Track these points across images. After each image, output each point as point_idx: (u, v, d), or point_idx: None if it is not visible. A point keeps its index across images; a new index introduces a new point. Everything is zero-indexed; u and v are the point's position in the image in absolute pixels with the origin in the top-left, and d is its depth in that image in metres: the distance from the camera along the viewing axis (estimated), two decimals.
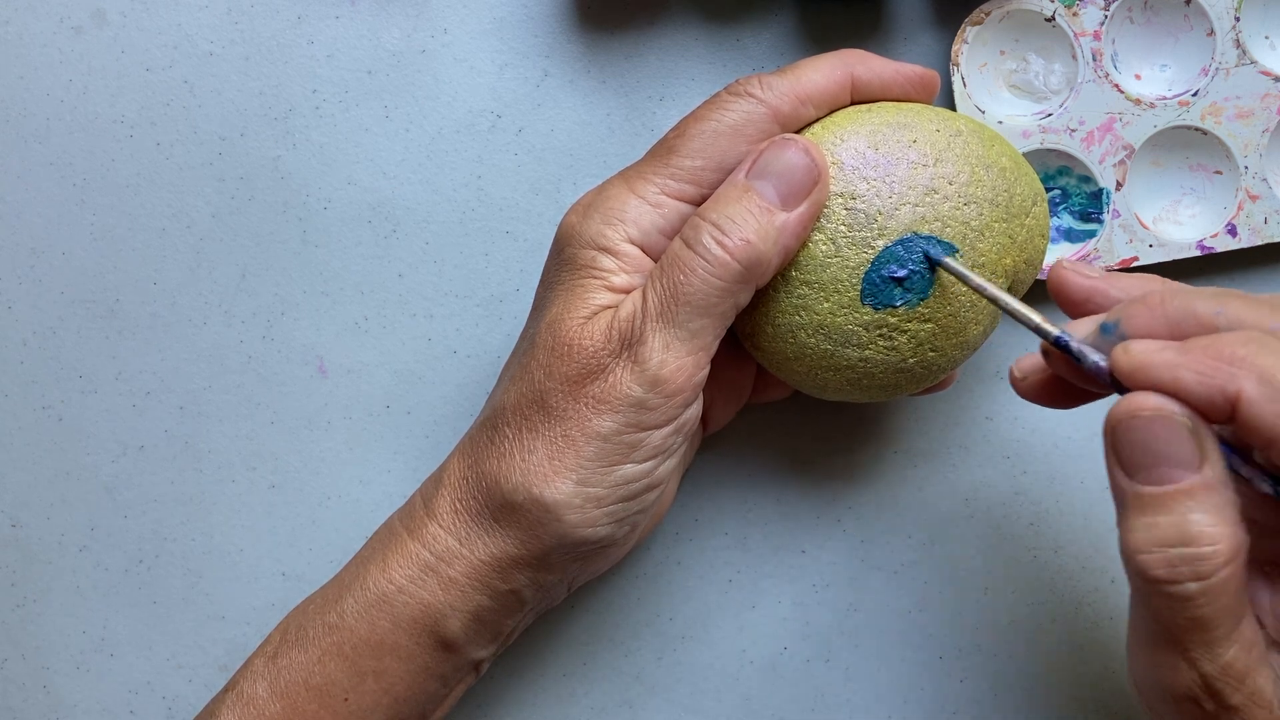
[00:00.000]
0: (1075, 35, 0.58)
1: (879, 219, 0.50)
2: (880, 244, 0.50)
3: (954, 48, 0.58)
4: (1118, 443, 0.43)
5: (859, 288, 0.50)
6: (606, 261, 0.50)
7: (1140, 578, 0.42)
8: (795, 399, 0.60)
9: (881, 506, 0.61)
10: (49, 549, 0.61)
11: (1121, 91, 0.58)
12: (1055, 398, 0.49)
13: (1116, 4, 0.58)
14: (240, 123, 0.61)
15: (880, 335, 0.51)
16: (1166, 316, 0.44)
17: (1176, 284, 0.47)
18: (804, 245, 0.51)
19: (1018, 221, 0.52)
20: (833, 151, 0.51)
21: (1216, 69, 0.58)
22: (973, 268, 0.51)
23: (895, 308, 0.50)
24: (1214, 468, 0.42)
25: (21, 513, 0.61)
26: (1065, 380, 0.48)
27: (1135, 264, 0.58)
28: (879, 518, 0.61)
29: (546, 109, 0.61)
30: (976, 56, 0.59)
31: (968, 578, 0.60)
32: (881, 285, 0.50)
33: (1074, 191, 0.59)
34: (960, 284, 0.51)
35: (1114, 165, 0.59)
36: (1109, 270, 0.58)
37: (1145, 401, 0.42)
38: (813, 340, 0.51)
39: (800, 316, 0.51)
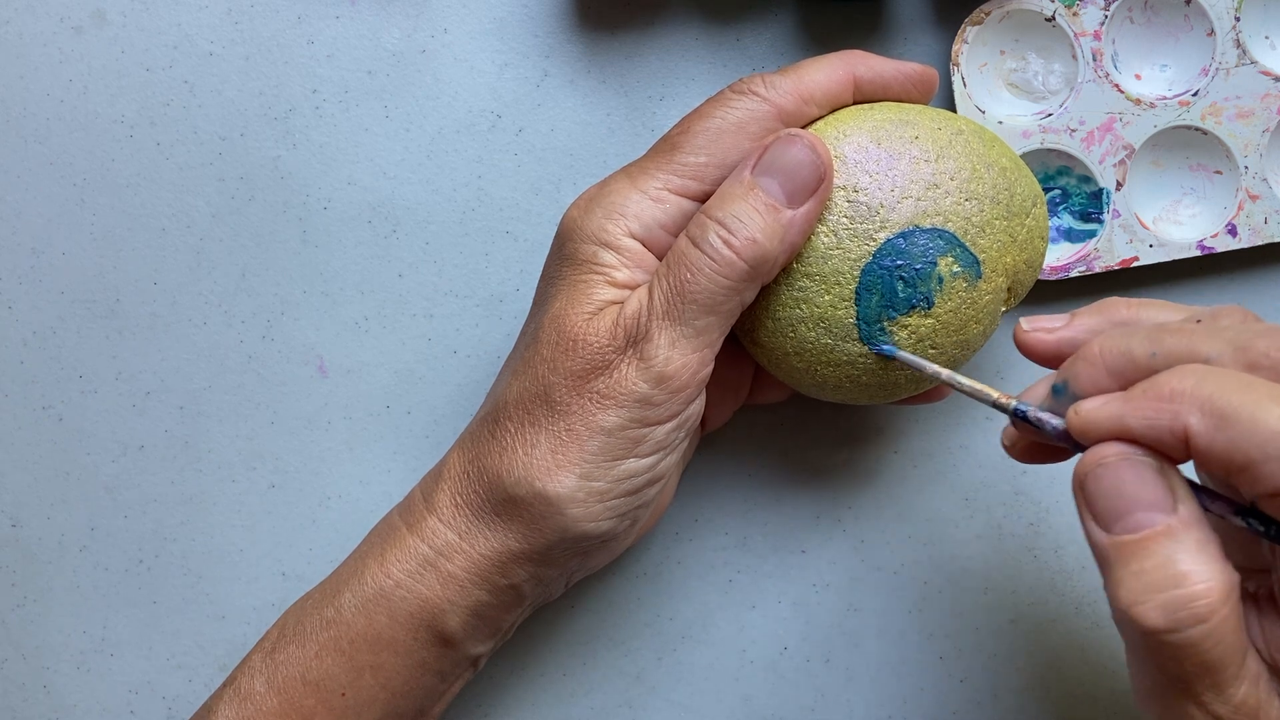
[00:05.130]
0: (1075, 35, 0.58)
1: (881, 211, 0.50)
2: (882, 236, 0.50)
3: (954, 48, 0.58)
4: (1089, 495, 0.43)
5: (859, 280, 0.50)
6: (608, 257, 0.50)
7: (1139, 631, 0.41)
8: (795, 398, 0.60)
9: (881, 506, 0.61)
10: (49, 549, 0.61)
11: (1121, 91, 0.58)
12: (1047, 456, 0.49)
13: (1117, 4, 0.58)
14: (240, 123, 0.61)
15: (879, 329, 0.51)
16: (1108, 368, 0.44)
17: (1123, 310, 0.47)
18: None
19: (1018, 221, 0.52)
20: (836, 146, 0.51)
21: (1217, 69, 0.58)
22: (975, 264, 0.51)
23: (912, 309, 0.51)
24: (1187, 506, 0.41)
25: (21, 513, 0.61)
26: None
27: (1135, 264, 0.58)
28: (879, 518, 0.61)
29: (546, 109, 0.61)
30: (976, 56, 0.59)
31: (968, 578, 0.60)
32: (883, 276, 0.50)
33: (1074, 191, 0.59)
34: (961, 280, 0.51)
35: (1114, 165, 0.59)
36: (1109, 270, 0.59)
37: (1108, 449, 0.42)
38: (813, 334, 0.51)
39: (801, 309, 0.51)
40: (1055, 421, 0.45)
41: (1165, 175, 0.59)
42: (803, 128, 0.51)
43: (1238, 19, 0.58)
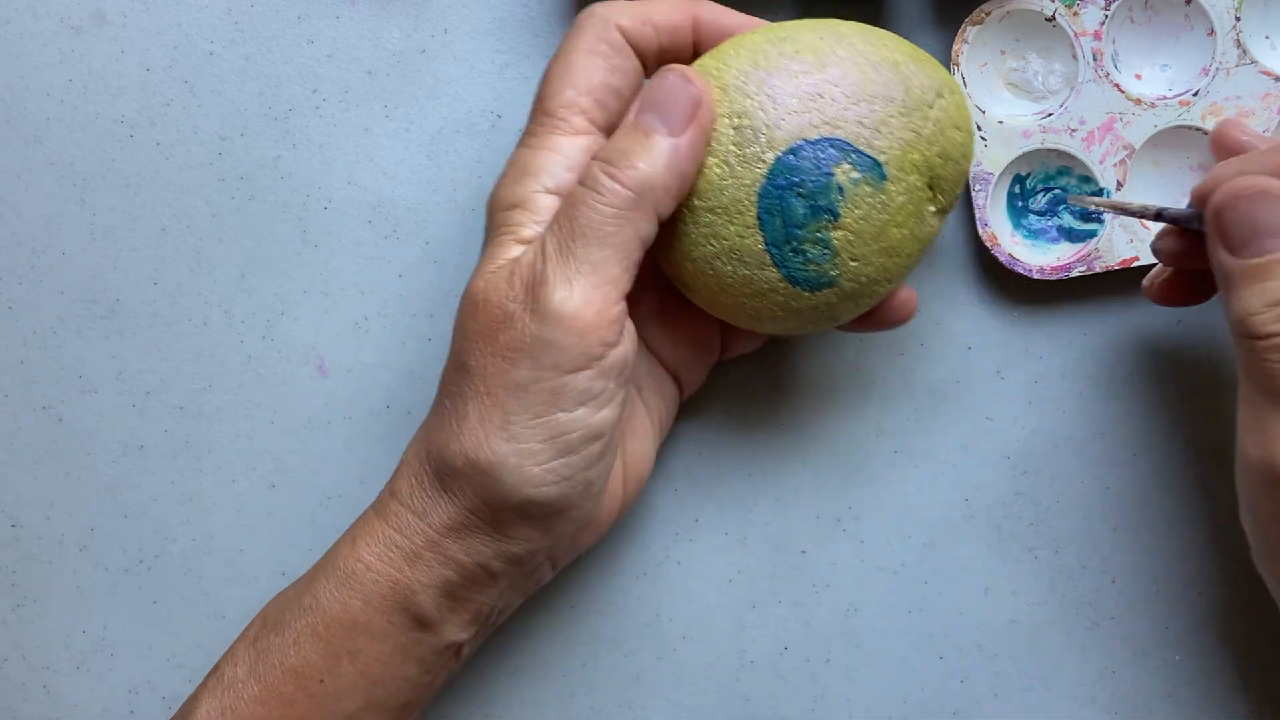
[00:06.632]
0: (1076, 35, 0.58)
1: (766, 131, 0.50)
2: (770, 156, 0.50)
3: (954, 47, 0.58)
4: (1223, 224, 0.49)
5: (759, 204, 0.50)
6: (518, 216, 0.50)
7: (1254, 338, 0.48)
8: (794, 392, 0.60)
9: (881, 506, 0.61)
10: (49, 549, 0.61)
11: (1122, 91, 0.58)
12: (1181, 294, 0.56)
13: (1117, 4, 0.58)
14: (240, 123, 0.61)
15: (791, 250, 0.51)
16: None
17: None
18: (702, 172, 0.51)
19: (919, 114, 0.51)
20: (719, 76, 0.51)
21: (1217, 69, 0.58)
22: (876, 166, 0.51)
23: (818, 223, 0.50)
24: None
25: (21, 513, 0.61)
26: (1184, 276, 0.55)
27: (1136, 264, 0.58)
28: (879, 518, 0.61)
29: None
30: (977, 56, 0.59)
31: (968, 578, 0.60)
32: (780, 197, 0.50)
33: (1074, 191, 0.59)
34: (864, 185, 0.50)
35: (1114, 165, 0.58)
36: (1109, 270, 0.59)
37: (1246, 181, 0.49)
38: (729, 267, 0.51)
39: (712, 245, 0.51)
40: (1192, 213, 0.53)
41: (1166, 175, 0.59)
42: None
43: (1238, 19, 0.58)
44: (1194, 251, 0.53)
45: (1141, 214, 0.54)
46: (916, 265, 0.54)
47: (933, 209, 0.53)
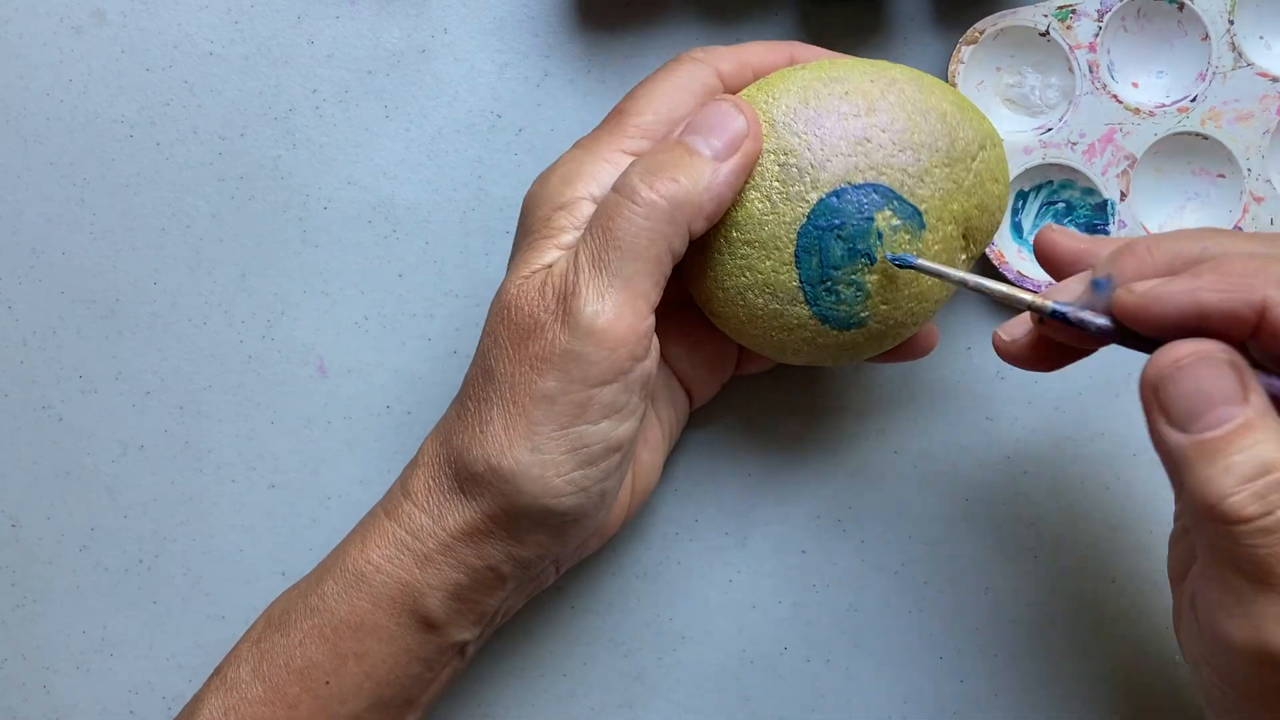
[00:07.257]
0: (1070, 48, 0.58)
1: (811, 171, 0.50)
2: (814, 197, 0.50)
3: (950, 68, 0.58)
4: (1165, 398, 0.43)
5: (797, 242, 0.50)
6: (562, 220, 0.50)
7: (1232, 523, 0.41)
8: (794, 392, 0.60)
9: (881, 506, 0.61)
10: (49, 549, 0.61)
11: (1120, 101, 0.58)
12: (1041, 360, 0.49)
13: (1110, 14, 0.58)
14: (240, 123, 0.61)
15: (825, 290, 0.51)
16: (1155, 262, 0.45)
17: (1155, 235, 0.48)
18: (742, 205, 0.51)
19: (962, 166, 0.52)
20: (767, 110, 0.51)
21: (1213, 73, 0.58)
22: (916, 215, 0.51)
23: (854, 266, 0.50)
24: (1258, 395, 0.42)
25: (21, 513, 0.61)
26: (1052, 343, 0.49)
27: None
28: (879, 518, 0.61)
29: (546, 109, 0.61)
30: (973, 75, 0.59)
31: (968, 578, 0.60)
32: (820, 237, 0.50)
33: (1078, 204, 0.59)
34: (903, 233, 0.50)
35: (1117, 176, 0.59)
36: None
37: (1182, 349, 0.43)
38: (760, 300, 0.51)
39: (746, 277, 0.51)
40: (1100, 320, 0.45)
41: (1168, 182, 0.59)
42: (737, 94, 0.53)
43: (1231, 22, 0.58)
44: (1082, 339, 0.48)
45: (1033, 309, 0.47)
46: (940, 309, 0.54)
47: (964, 257, 0.53)
